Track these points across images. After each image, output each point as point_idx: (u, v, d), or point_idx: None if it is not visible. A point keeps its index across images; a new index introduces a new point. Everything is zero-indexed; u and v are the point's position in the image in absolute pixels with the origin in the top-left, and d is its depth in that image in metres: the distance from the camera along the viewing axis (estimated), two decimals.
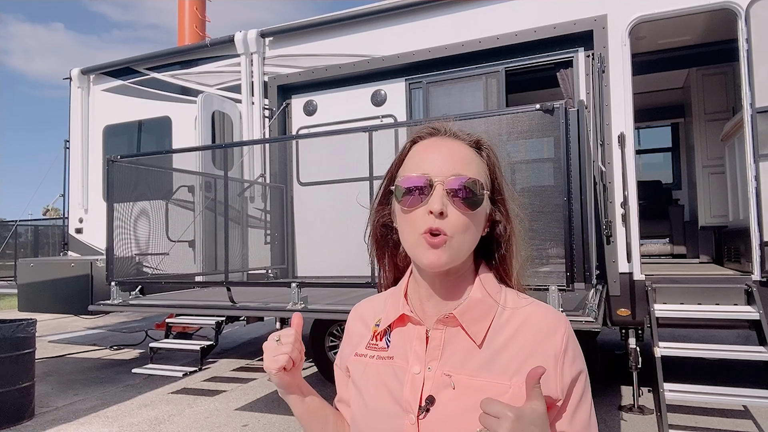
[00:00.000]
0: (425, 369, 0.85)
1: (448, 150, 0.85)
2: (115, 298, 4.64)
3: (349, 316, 1.04)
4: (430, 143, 0.88)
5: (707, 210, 6.10)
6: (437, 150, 0.85)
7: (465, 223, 0.81)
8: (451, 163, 0.83)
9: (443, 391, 0.82)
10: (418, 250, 0.82)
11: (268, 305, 4.25)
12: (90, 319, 8.81)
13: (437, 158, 0.84)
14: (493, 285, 0.90)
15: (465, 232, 0.82)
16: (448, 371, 0.83)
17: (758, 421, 4.08)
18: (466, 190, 0.81)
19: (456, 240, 0.81)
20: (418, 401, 0.83)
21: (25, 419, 4.42)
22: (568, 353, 0.83)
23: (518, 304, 0.89)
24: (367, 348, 0.94)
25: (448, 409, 0.81)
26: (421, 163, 0.85)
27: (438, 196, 0.80)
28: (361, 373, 0.94)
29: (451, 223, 0.80)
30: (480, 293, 0.87)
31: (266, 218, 5.99)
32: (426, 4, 5.31)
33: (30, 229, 17.16)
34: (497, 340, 0.85)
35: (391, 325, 0.92)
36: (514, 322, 0.86)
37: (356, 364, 0.95)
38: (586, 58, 4.83)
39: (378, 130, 4.00)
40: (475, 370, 0.82)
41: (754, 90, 4.15)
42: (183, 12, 9.40)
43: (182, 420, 4.43)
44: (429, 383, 0.83)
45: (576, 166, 3.31)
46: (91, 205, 6.95)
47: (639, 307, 4.35)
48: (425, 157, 0.85)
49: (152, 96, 6.72)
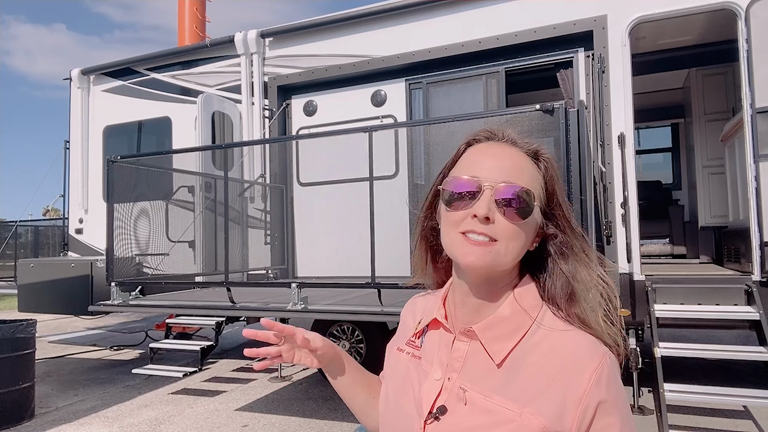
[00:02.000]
0: (445, 378, 0.84)
1: (502, 156, 0.83)
2: (115, 299, 4.65)
3: (405, 305, 1.05)
4: (485, 147, 0.85)
5: (707, 210, 6.11)
6: (491, 155, 0.83)
7: (513, 230, 0.79)
8: (504, 170, 0.80)
9: (456, 404, 0.81)
10: (458, 250, 0.80)
11: (268, 305, 4.25)
12: (90, 319, 8.81)
13: (490, 163, 0.82)
14: (532, 299, 0.84)
15: (513, 239, 0.79)
16: (465, 385, 0.82)
17: (758, 422, 4.08)
18: (517, 199, 0.78)
19: (502, 246, 0.78)
20: (430, 407, 0.83)
21: (25, 419, 4.42)
22: (594, 395, 0.75)
23: (556, 325, 0.81)
24: (407, 344, 0.95)
25: (456, 423, 0.80)
26: (472, 167, 0.83)
27: (485, 201, 0.78)
28: (392, 367, 0.95)
29: (498, 229, 0.78)
30: (509, 310, 0.83)
31: (266, 218, 5.99)
32: (426, 5, 5.31)
33: (30, 229, 17.15)
34: (522, 361, 0.80)
35: (428, 326, 0.92)
36: (545, 346, 0.80)
37: (393, 357, 0.97)
38: (586, 58, 4.84)
39: (378, 131, 4.00)
40: (489, 389, 0.80)
41: (754, 90, 4.15)
42: (183, 12, 9.41)
43: (182, 420, 4.43)
44: (445, 393, 0.83)
45: (576, 166, 3.31)
46: (91, 206, 6.95)
47: (639, 308, 4.35)
48: (478, 160, 0.83)
49: (152, 96, 6.72)
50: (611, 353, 0.79)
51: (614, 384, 0.77)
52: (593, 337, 0.80)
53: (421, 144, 5.36)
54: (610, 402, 0.76)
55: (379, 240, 3.86)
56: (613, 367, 0.78)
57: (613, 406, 0.76)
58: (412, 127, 5.35)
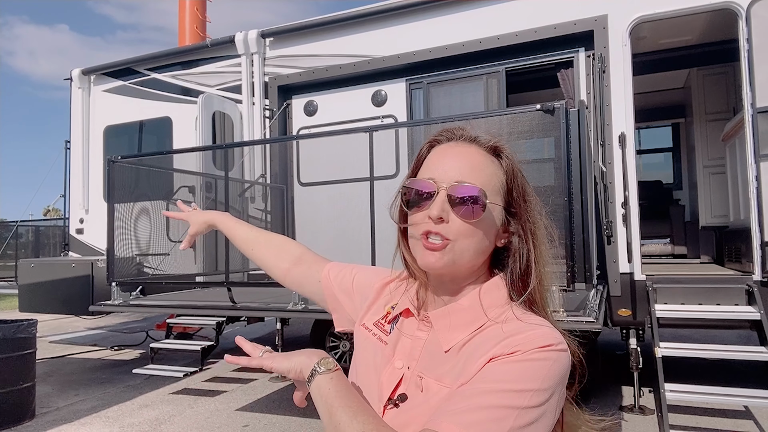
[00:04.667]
0: (406, 366, 0.85)
1: (459, 156, 0.84)
2: (116, 299, 4.65)
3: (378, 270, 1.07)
4: (445, 148, 0.87)
5: (708, 210, 6.10)
6: (450, 155, 0.85)
7: (468, 229, 0.80)
8: (459, 170, 0.82)
9: (414, 392, 0.82)
10: (418, 252, 0.83)
11: (268, 305, 4.25)
12: (91, 319, 8.82)
13: (447, 164, 0.83)
14: (496, 299, 0.83)
15: (468, 237, 0.81)
16: (422, 373, 0.83)
17: (759, 422, 4.08)
18: (470, 198, 0.80)
19: (459, 245, 0.80)
20: (390, 393, 0.84)
21: (25, 419, 4.42)
22: (511, 343, 0.73)
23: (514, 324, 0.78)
24: (375, 324, 0.96)
25: (413, 408, 0.81)
26: (430, 169, 0.85)
27: (439, 202, 0.80)
28: (361, 346, 0.97)
29: (452, 228, 0.80)
30: (469, 302, 0.84)
31: (267, 218, 5.99)
32: (426, 4, 5.30)
33: (31, 229, 17.16)
34: (474, 350, 0.78)
35: (399, 314, 0.94)
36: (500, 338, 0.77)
37: (360, 334, 0.98)
38: (586, 58, 4.83)
39: (378, 131, 4.00)
40: (442, 375, 0.81)
41: (755, 90, 4.15)
42: (183, 12, 9.42)
43: (183, 420, 4.43)
44: (406, 382, 0.84)
45: (576, 166, 3.31)
46: (92, 206, 6.95)
47: (640, 308, 4.35)
48: (436, 161, 0.85)
49: (153, 96, 6.72)
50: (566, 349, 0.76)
51: (550, 371, 0.72)
52: (546, 328, 0.77)
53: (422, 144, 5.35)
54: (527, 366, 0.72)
55: (379, 240, 3.86)
56: (558, 358, 0.73)
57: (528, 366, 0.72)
58: (413, 127, 5.34)
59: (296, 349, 0.85)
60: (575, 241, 3.17)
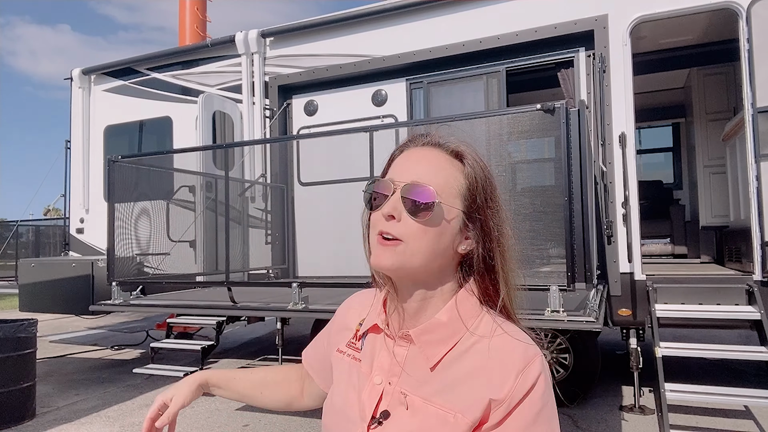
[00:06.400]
0: (386, 382, 0.84)
1: (420, 158, 0.84)
2: (116, 298, 4.65)
3: (341, 305, 1.06)
4: (410, 151, 0.87)
5: (708, 210, 6.10)
6: (413, 158, 0.85)
7: (419, 229, 0.79)
8: (416, 171, 0.82)
9: (398, 409, 0.81)
10: (372, 251, 0.83)
11: (268, 305, 4.25)
12: (91, 319, 8.82)
13: (407, 166, 0.84)
14: (470, 308, 0.84)
15: (418, 238, 0.79)
16: (405, 390, 0.82)
17: (759, 422, 4.08)
18: (420, 198, 0.79)
19: (410, 246, 0.79)
20: (372, 412, 0.83)
21: (26, 419, 4.43)
22: (518, 394, 0.77)
23: (488, 331, 0.82)
24: (347, 346, 0.95)
25: (399, 427, 0.80)
26: (393, 171, 0.86)
27: (392, 201, 0.81)
28: (338, 371, 0.95)
29: (404, 228, 0.80)
30: (447, 316, 0.83)
31: (267, 218, 5.99)
32: (426, 4, 5.31)
33: (31, 229, 17.17)
34: (456, 366, 0.81)
35: (368, 330, 0.92)
36: (476, 350, 0.81)
37: (336, 360, 0.97)
38: (586, 57, 4.83)
39: (379, 130, 4.00)
40: (429, 393, 0.80)
41: (755, 90, 4.15)
42: (184, 12, 9.41)
43: (183, 420, 4.43)
44: (387, 398, 0.83)
45: (577, 166, 3.31)
46: (92, 206, 6.96)
47: (640, 307, 4.35)
48: (399, 164, 0.86)
49: (153, 96, 6.72)
50: (542, 356, 0.81)
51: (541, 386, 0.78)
52: (524, 334, 0.83)
53: None
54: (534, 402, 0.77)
55: None
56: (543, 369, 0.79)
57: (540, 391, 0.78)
58: (413, 127, 5.34)
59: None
60: (575, 241, 3.17)
